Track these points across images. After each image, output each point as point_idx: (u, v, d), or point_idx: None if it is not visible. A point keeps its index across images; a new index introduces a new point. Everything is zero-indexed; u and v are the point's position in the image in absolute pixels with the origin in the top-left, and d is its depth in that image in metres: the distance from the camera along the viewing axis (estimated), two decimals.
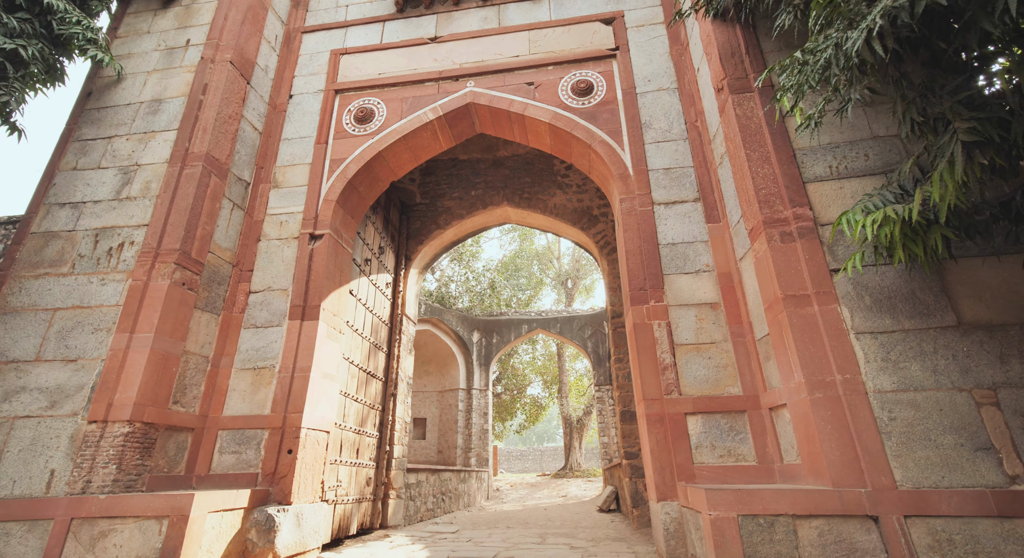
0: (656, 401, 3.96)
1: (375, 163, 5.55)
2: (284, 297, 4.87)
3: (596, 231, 7.47)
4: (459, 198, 8.11)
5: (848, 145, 3.62)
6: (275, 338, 4.70)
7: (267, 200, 5.37)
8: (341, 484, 5.13)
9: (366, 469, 5.91)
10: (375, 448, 6.26)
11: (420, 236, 7.93)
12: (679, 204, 4.64)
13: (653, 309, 4.26)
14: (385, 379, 6.76)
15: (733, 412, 3.84)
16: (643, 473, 5.98)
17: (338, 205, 5.32)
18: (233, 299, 4.87)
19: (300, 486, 4.25)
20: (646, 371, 4.08)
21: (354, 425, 5.64)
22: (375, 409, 6.35)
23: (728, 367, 3.99)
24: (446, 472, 9.19)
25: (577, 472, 17.95)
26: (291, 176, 5.47)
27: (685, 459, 3.75)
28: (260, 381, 4.55)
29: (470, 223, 8.11)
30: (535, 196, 7.89)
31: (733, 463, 3.69)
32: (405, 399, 7.26)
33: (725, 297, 4.20)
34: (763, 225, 3.54)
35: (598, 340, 14.18)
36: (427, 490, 8.07)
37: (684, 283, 4.33)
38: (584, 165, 5.48)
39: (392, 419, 6.71)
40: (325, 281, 4.97)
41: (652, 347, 4.15)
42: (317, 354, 4.68)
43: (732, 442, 3.76)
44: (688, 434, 3.83)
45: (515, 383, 20.95)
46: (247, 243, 5.13)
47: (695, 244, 4.46)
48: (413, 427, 13.90)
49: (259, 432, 4.34)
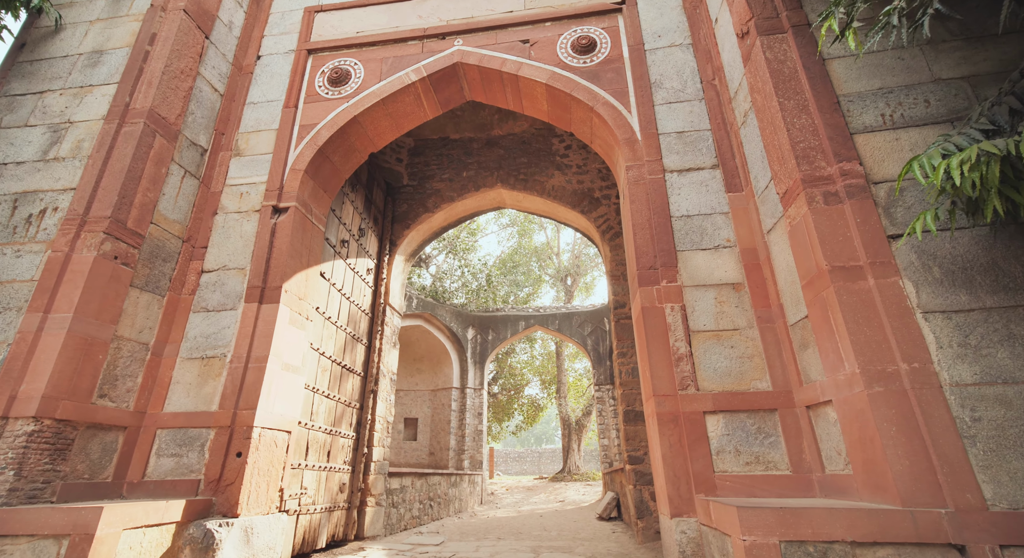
0: (669, 398, 3.34)
1: (350, 130, 4.94)
2: (241, 277, 4.26)
3: (598, 214, 6.86)
4: (449, 180, 7.50)
5: (904, 89, 3.01)
6: (228, 323, 4.09)
7: (227, 169, 4.75)
8: (306, 491, 4.51)
9: (339, 474, 5.29)
10: (351, 450, 5.63)
11: (407, 220, 7.31)
12: (694, 171, 4.03)
13: (665, 290, 3.65)
14: (364, 374, 6.14)
15: (761, 411, 3.23)
16: (650, 480, 5.37)
17: (307, 175, 4.71)
18: (182, 279, 4.25)
19: (251, 495, 3.63)
20: (657, 363, 3.46)
21: (325, 424, 5.02)
22: (352, 407, 5.72)
23: (754, 358, 3.37)
24: (435, 476, 8.57)
25: (575, 475, 17.31)
26: (255, 143, 4.86)
27: (704, 467, 3.13)
28: (209, 372, 3.93)
29: (461, 206, 7.49)
30: (532, 177, 7.28)
31: (762, 472, 3.08)
32: (388, 397, 6.64)
33: (749, 276, 3.59)
34: (802, 184, 2.93)
35: (598, 337, 13.57)
36: (412, 496, 7.44)
37: (701, 261, 3.72)
38: (585, 132, 4.87)
39: (372, 418, 6.08)
40: (289, 260, 4.35)
41: (664, 334, 3.53)
42: (277, 342, 4.06)
43: (760, 447, 3.14)
44: (708, 437, 3.21)
45: (512, 383, 20.31)
46: (201, 216, 4.51)
47: (713, 216, 3.85)
48: (404, 427, 13.28)
49: (204, 431, 3.72)
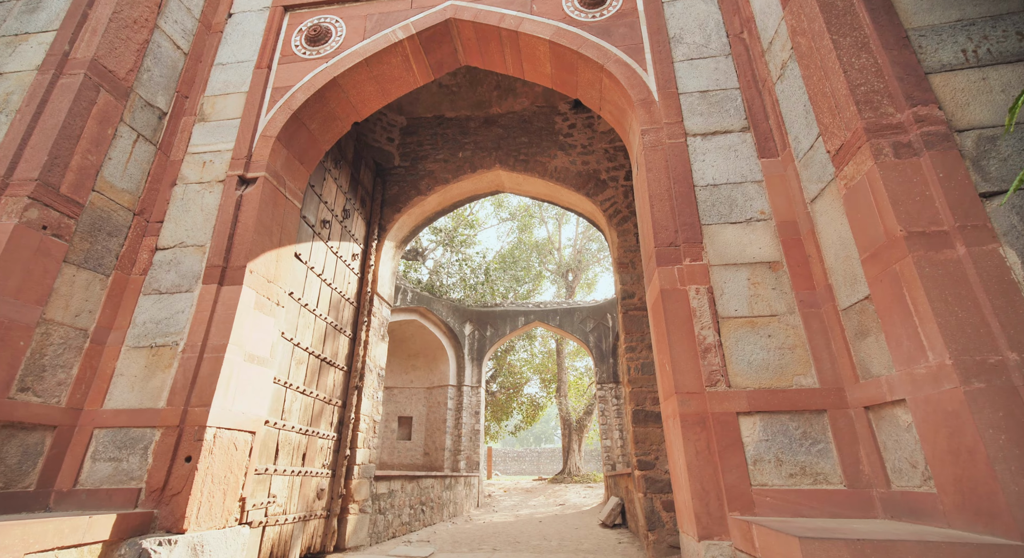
0: (694, 396, 2.81)
1: (330, 94, 4.40)
2: (200, 255, 3.72)
3: (604, 197, 6.32)
4: (444, 161, 6.96)
5: (989, 21, 2.47)
6: (183, 307, 3.55)
7: (189, 136, 4.21)
8: (275, 499, 3.98)
9: (317, 479, 4.76)
10: (331, 452, 5.10)
11: (397, 203, 6.77)
12: (721, 135, 3.49)
13: (689, 270, 3.11)
14: (348, 368, 5.60)
15: (806, 412, 2.69)
16: (662, 488, 4.83)
17: (280, 143, 4.17)
18: (132, 256, 3.71)
19: (202, 506, 3.10)
20: (680, 354, 2.93)
21: (300, 424, 4.49)
22: (333, 405, 5.19)
23: (797, 348, 2.83)
24: (427, 478, 8.04)
25: (576, 477, 16.79)
26: (223, 107, 4.32)
27: (739, 479, 2.60)
28: (158, 363, 3.39)
29: (456, 189, 6.95)
30: (533, 158, 6.74)
31: (810, 486, 2.54)
32: (375, 394, 6.11)
33: (788, 253, 3.05)
34: (865, 134, 2.39)
35: (601, 334, 13.04)
36: (402, 500, 6.91)
37: (730, 236, 3.18)
38: (594, 97, 4.32)
39: (356, 417, 5.55)
40: (256, 237, 3.81)
41: (687, 321, 3.00)
42: (239, 329, 3.52)
43: (807, 455, 2.61)
44: (742, 443, 2.67)
45: (511, 381, 19.78)
46: (157, 187, 3.98)
47: (744, 185, 3.31)
48: (398, 426, 12.75)
49: (149, 432, 3.19)
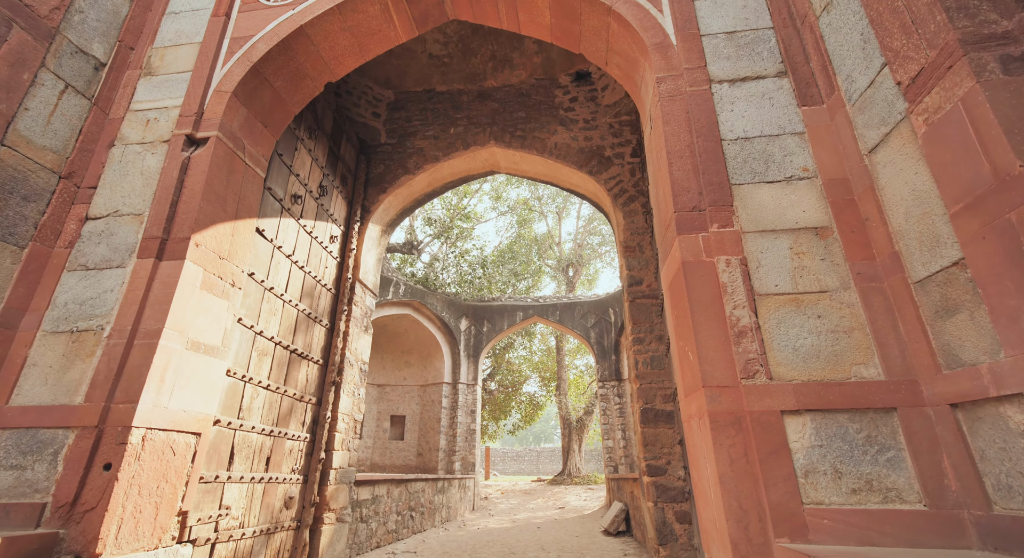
0: (727, 390, 2.26)
1: (297, 45, 3.85)
2: (137, 225, 3.17)
3: (609, 176, 5.77)
4: (434, 137, 6.40)
5: None
6: (112, 286, 3.00)
7: (133, 92, 3.66)
8: (228, 512, 3.43)
9: (285, 485, 4.21)
10: (303, 456, 4.55)
11: (383, 183, 6.22)
12: (752, 81, 2.93)
13: (716, 238, 2.56)
14: (324, 362, 5.05)
15: (870, 410, 2.14)
16: (675, 497, 4.28)
17: (237, 100, 3.62)
18: (56, 226, 3.16)
19: (125, 523, 2.55)
20: (707, 339, 2.38)
21: (263, 424, 3.94)
22: (305, 402, 4.64)
23: (854, 332, 2.28)
24: (417, 481, 7.49)
25: (576, 478, 16.25)
26: (172, 60, 3.76)
27: (786, 495, 2.05)
28: (78, 352, 2.84)
29: (448, 168, 6.40)
30: (531, 134, 6.18)
31: (878, 505, 1.99)
32: (356, 390, 5.56)
33: (839, 217, 2.50)
34: (960, 48, 1.83)
35: (602, 330, 12.49)
36: (388, 507, 6.37)
37: (767, 197, 2.62)
38: (600, 49, 3.77)
39: (333, 416, 5.00)
40: (206, 205, 3.26)
41: (715, 299, 2.44)
42: (179, 311, 2.97)
43: (872, 465, 2.05)
44: (789, 449, 2.12)
45: (510, 379, 19.24)
46: (92, 148, 3.42)
47: (782, 138, 2.75)
48: (390, 426, 12.21)
49: (61, 433, 2.64)
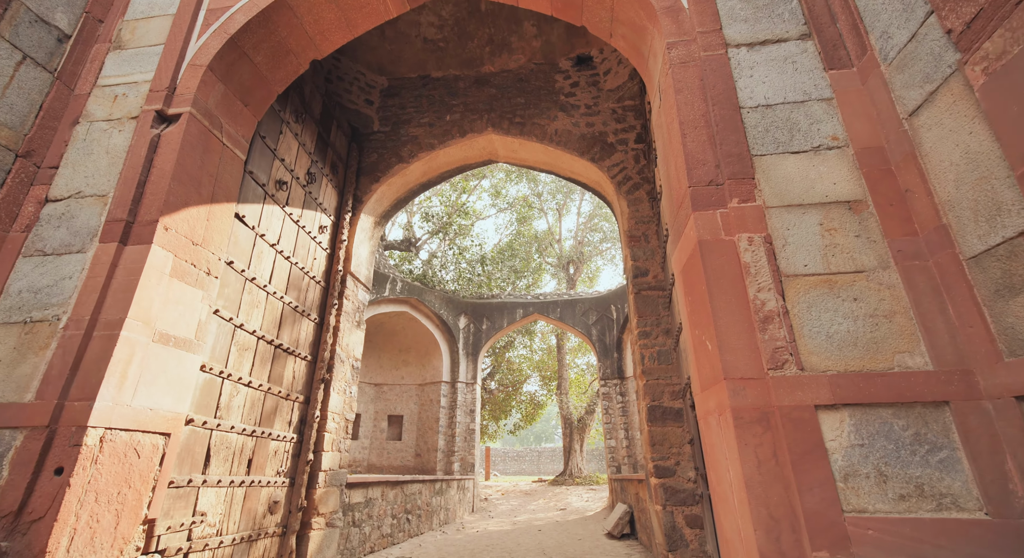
0: (752, 383, 2.00)
1: (279, 17, 3.58)
2: (100, 207, 2.91)
3: (612, 163, 5.51)
4: (429, 125, 6.14)
5: None
6: (71, 272, 2.74)
7: (101, 66, 3.40)
8: (204, 518, 3.16)
9: (269, 489, 3.94)
10: (289, 457, 4.29)
11: (376, 172, 5.96)
12: (773, 44, 2.67)
13: (737, 214, 2.30)
14: (313, 358, 4.79)
15: (918, 405, 1.88)
16: (686, 500, 4.02)
17: (214, 75, 3.36)
18: (12, 208, 2.90)
19: (79, 534, 2.29)
20: (728, 327, 2.12)
21: (244, 423, 3.68)
22: (292, 400, 4.38)
23: (896, 316, 2.02)
24: (413, 483, 7.23)
25: (578, 478, 15.98)
26: (144, 32, 3.50)
27: (824, 502, 1.79)
28: (31, 344, 2.58)
29: (444, 156, 6.13)
30: (530, 120, 5.92)
31: (931, 513, 1.73)
32: (348, 388, 5.29)
33: (875, 189, 2.23)
34: None
35: (604, 327, 12.23)
36: (382, 510, 6.10)
37: (792, 169, 2.36)
38: (603, 19, 3.50)
39: (322, 415, 4.74)
40: (177, 187, 3.00)
41: (737, 281, 2.18)
42: (145, 300, 2.71)
43: (923, 467, 1.79)
44: (825, 449, 1.86)
45: (510, 378, 18.97)
46: (55, 125, 3.16)
47: (808, 105, 2.49)
48: (388, 426, 11.95)
49: (8, 434, 2.38)
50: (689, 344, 2.57)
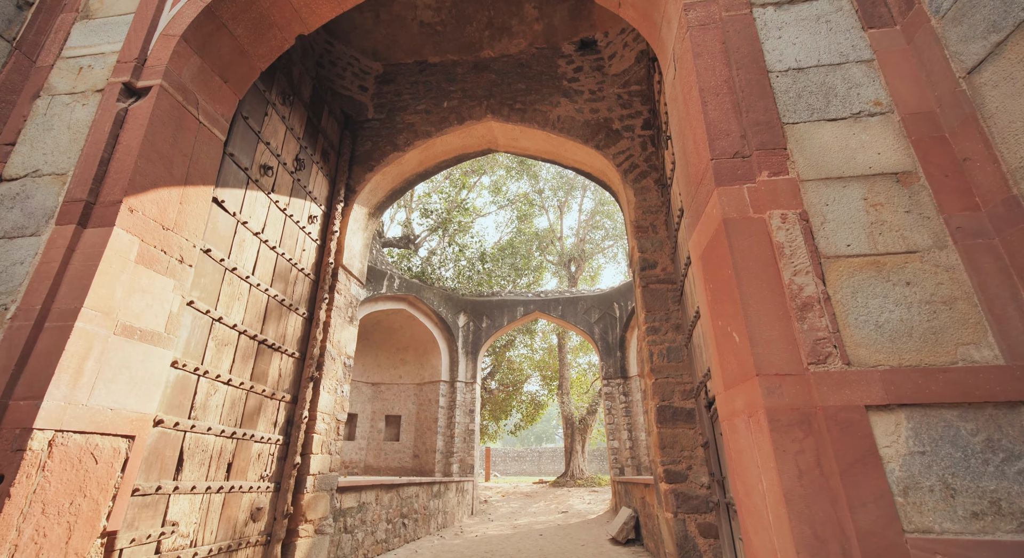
0: (789, 380, 1.72)
1: None
2: (59, 187, 2.64)
3: (618, 150, 5.23)
4: (426, 112, 5.87)
5: None
6: (24, 257, 2.47)
7: (66, 37, 3.13)
8: (175, 528, 2.90)
9: (251, 495, 3.68)
10: (274, 461, 4.02)
11: (370, 161, 5.69)
12: (802, 3, 2.40)
13: (768, 189, 2.02)
14: (301, 355, 4.52)
15: (988, 405, 1.60)
16: (699, 506, 3.75)
17: (188, 47, 3.09)
18: None
19: (22, 551, 2.02)
20: (759, 315, 1.84)
21: (223, 425, 3.41)
22: (278, 400, 4.11)
23: (957, 302, 1.74)
24: (410, 486, 6.96)
25: (579, 480, 15.70)
26: (113, 0, 3.24)
27: (879, 519, 1.51)
28: None
29: (441, 145, 5.86)
30: (531, 106, 5.65)
31: (1012, 535, 1.45)
32: (339, 387, 5.02)
33: (926, 159, 1.96)
34: None
35: (607, 325, 11.96)
36: (376, 514, 5.83)
37: (829, 138, 2.09)
38: None
39: (311, 415, 4.47)
40: (145, 165, 2.73)
41: (769, 264, 1.91)
42: (106, 288, 2.44)
43: (998, 479, 1.52)
44: (879, 457, 1.59)
45: (511, 378, 18.70)
46: (11, 99, 2.89)
47: (845, 68, 2.22)
48: (385, 426, 11.68)
49: None
50: (710, 336, 2.29)
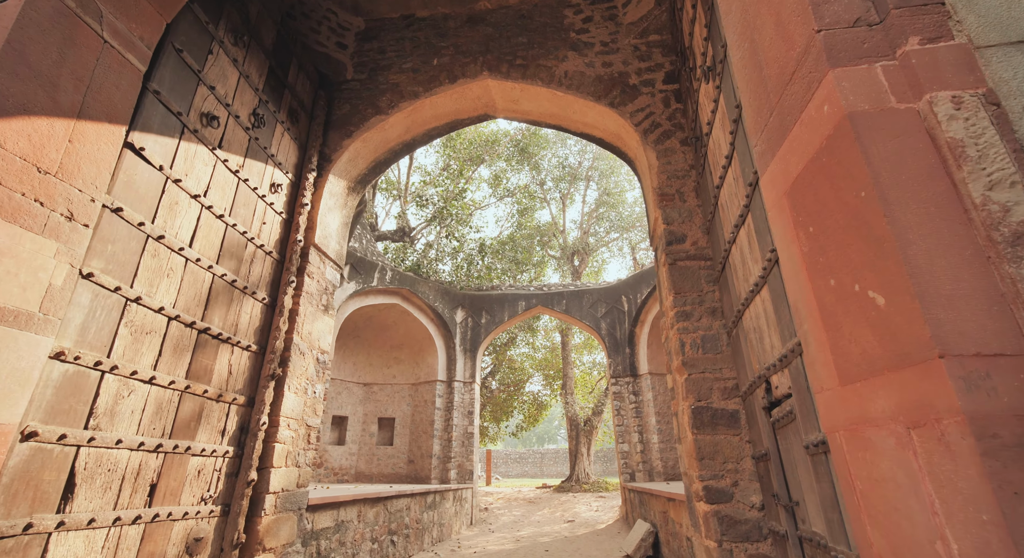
0: (1005, 364, 0.96)
1: None
2: None
3: (635, 108, 4.48)
4: (413, 71, 5.12)
5: None
6: None
7: None
8: None
9: (187, 523, 2.92)
10: (222, 478, 3.26)
11: (348, 125, 4.93)
12: None
13: (921, 62, 1.27)
14: (260, 349, 3.76)
15: None
16: (749, 533, 2.98)
17: None
18: None
19: None
20: (929, 258, 1.08)
21: (142, 435, 2.65)
22: (227, 402, 3.36)
23: None
24: (400, 498, 6.20)
25: (585, 485, 14.93)
26: None
27: None
28: None
29: (430, 108, 5.10)
30: (534, 62, 4.89)
31: None
32: (310, 387, 4.27)
33: None
34: None
35: (615, 320, 11.19)
36: (359, 533, 5.08)
37: None
38: None
39: (273, 421, 3.71)
40: (10, 82, 1.99)
41: (937, 175, 1.16)
42: None
43: None
44: None
45: (512, 378, 17.93)
46: None
47: None
48: (378, 430, 10.92)
49: None
50: (804, 304, 1.53)
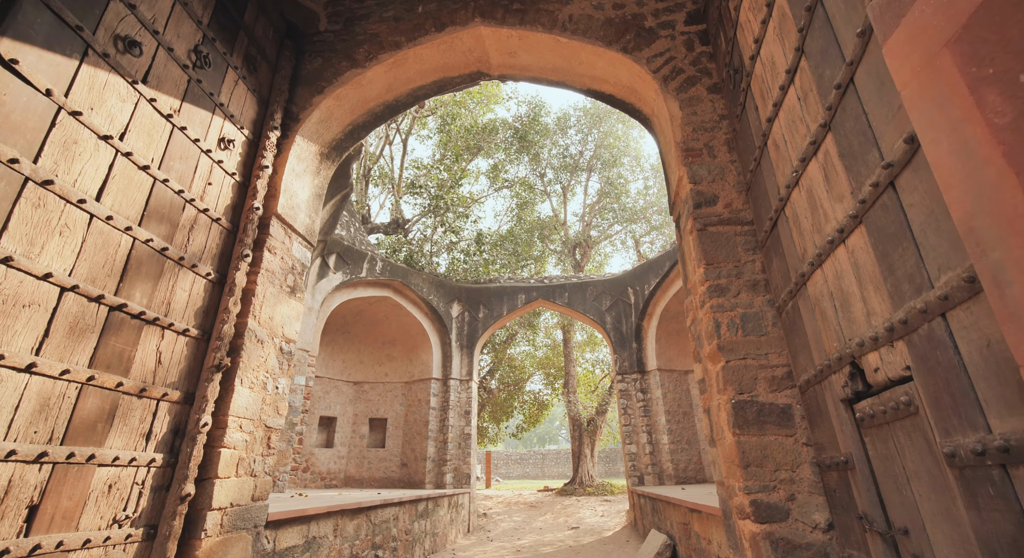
0: None
1: None
2: None
3: (653, 53, 3.82)
4: (394, 19, 4.46)
5: None
6: None
7: None
8: None
9: (93, 553, 2.26)
10: (147, 493, 2.60)
11: (319, 80, 4.28)
12: None
13: None
14: (204, 334, 3.10)
15: None
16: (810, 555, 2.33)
17: None
18: None
19: None
20: None
21: (12, 441, 2.00)
22: (154, 398, 2.70)
23: None
24: (386, 507, 5.54)
25: (589, 487, 14.26)
26: None
27: None
28: None
29: (415, 61, 4.44)
30: (533, 5, 4.23)
31: None
32: (270, 382, 3.61)
33: None
34: None
35: (620, 313, 10.53)
36: (336, 550, 4.42)
37: None
38: None
39: (219, 421, 3.05)
40: None
41: None
42: None
43: None
44: None
45: (512, 377, 17.26)
46: None
47: None
48: (369, 431, 10.26)
49: None
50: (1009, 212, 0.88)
